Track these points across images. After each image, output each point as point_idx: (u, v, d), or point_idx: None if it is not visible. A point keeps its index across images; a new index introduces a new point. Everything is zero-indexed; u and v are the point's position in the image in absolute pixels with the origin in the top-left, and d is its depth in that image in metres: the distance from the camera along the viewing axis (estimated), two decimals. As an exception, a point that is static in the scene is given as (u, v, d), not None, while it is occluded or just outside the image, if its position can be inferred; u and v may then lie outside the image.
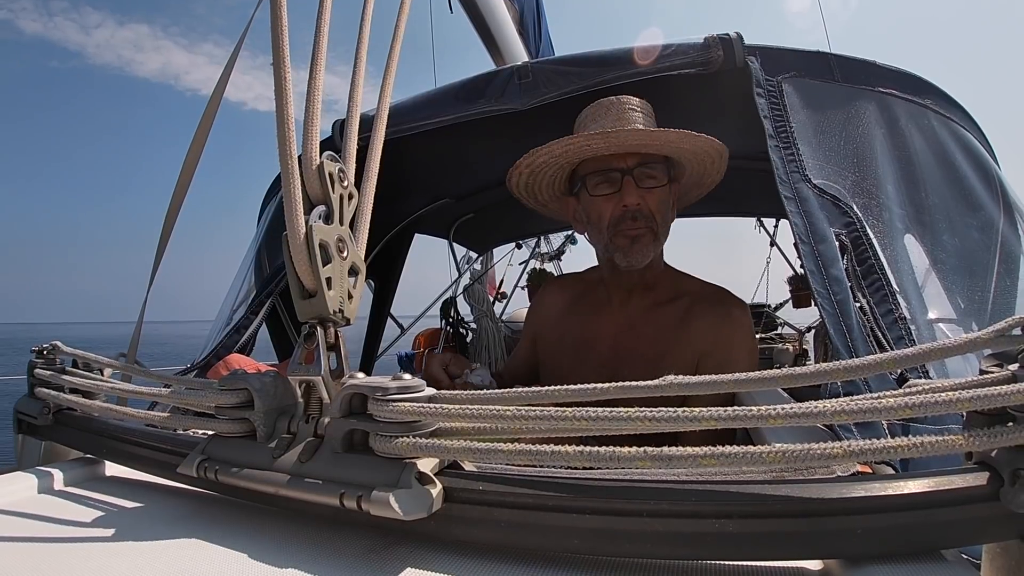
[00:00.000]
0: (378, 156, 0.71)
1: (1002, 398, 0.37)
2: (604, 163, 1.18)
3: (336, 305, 0.59)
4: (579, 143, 1.14)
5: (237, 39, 1.29)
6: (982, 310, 0.95)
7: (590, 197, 1.20)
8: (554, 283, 1.52)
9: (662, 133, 1.11)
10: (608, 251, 1.20)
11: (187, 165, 1.22)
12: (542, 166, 1.22)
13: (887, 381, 0.74)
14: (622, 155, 1.16)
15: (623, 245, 1.17)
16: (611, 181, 1.17)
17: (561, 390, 0.49)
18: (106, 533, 0.58)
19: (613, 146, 1.14)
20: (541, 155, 1.19)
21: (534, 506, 0.46)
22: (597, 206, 1.19)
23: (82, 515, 0.63)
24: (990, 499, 0.38)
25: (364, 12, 0.72)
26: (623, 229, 1.16)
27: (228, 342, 1.35)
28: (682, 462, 0.42)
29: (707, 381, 0.45)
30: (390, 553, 0.50)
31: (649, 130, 1.12)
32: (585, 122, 1.22)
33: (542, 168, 1.23)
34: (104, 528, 0.59)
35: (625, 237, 1.17)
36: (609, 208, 1.17)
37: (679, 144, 1.14)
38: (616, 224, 1.17)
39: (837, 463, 0.40)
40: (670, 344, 1.21)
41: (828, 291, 0.84)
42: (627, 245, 1.17)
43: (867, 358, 0.43)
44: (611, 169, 1.16)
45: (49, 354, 0.85)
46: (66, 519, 0.62)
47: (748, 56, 1.09)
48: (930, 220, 1.03)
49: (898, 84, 1.14)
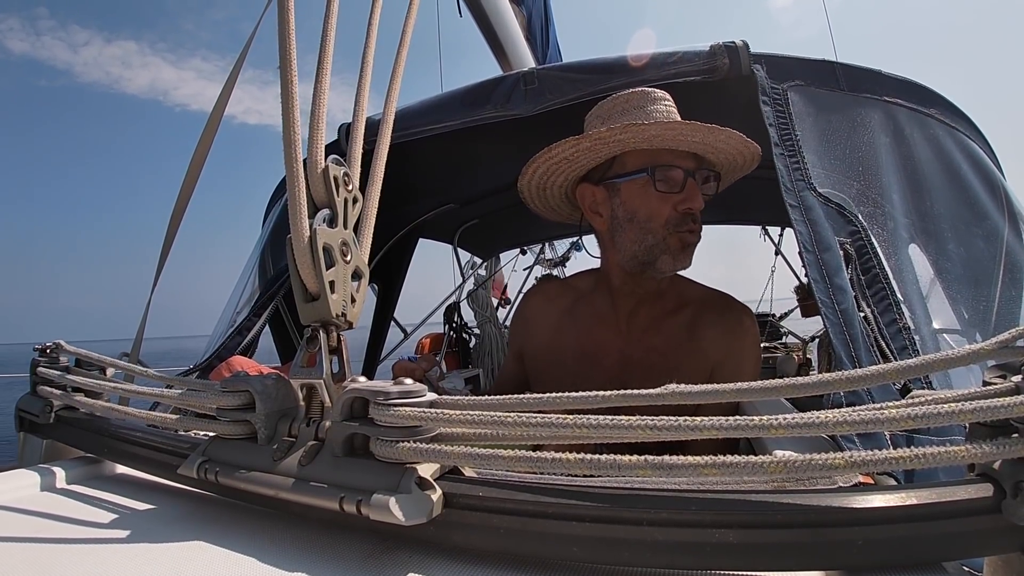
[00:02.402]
0: (383, 160, 0.71)
1: (1005, 410, 0.37)
2: (658, 157, 1.09)
3: (339, 309, 0.59)
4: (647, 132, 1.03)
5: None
6: (986, 321, 0.95)
7: (643, 192, 1.10)
8: (538, 292, 1.39)
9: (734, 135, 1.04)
10: (652, 253, 1.11)
11: (189, 176, 1.23)
12: (582, 153, 1.11)
13: (890, 391, 0.73)
14: (682, 153, 1.09)
15: (676, 248, 1.10)
16: (674, 180, 1.09)
17: (563, 397, 0.49)
18: (106, 532, 0.58)
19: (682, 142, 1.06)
20: (589, 139, 1.07)
21: (534, 513, 0.46)
22: (650, 203, 1.09)
23: (83, 513, 0.63)
24: (992, 511, 0.38)
25: (371, 16, 0.72)
26: (682, 231, 1.09)
27: (231, 344, 1.35)
28: (683, 471, 0.41)
29: (709, 390, 0.45)
30: (389, 558, 0.50)
31: (725, 130, 1.03)
32: (611, 114, 1.13)
33: (581, 154, 1.12)
34: (104, 527, 0.59)
35: (682, 241, 1.10)
36: (667, 208, 1.09)
37: (740, 150, 1.09)
38: (676, 225, 1.09)
39: (839, 474, 0.40)
40: (682, 356, 1.15)
41: (832, 300, 0.84)
42: (680, 249, 1.10)
43: (870, 368, 0.43)
44: (674, 166, 1.08)
45: (52, 352, 0.85)
46: (67, 517, 0.62)
47: (754, 64, 1.09)
48: (935, 230, 1.03)
49: (903, 93, 1.14)
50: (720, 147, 1.08)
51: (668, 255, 1.10)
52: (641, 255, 1.12)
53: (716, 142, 1.06)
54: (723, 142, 1.06)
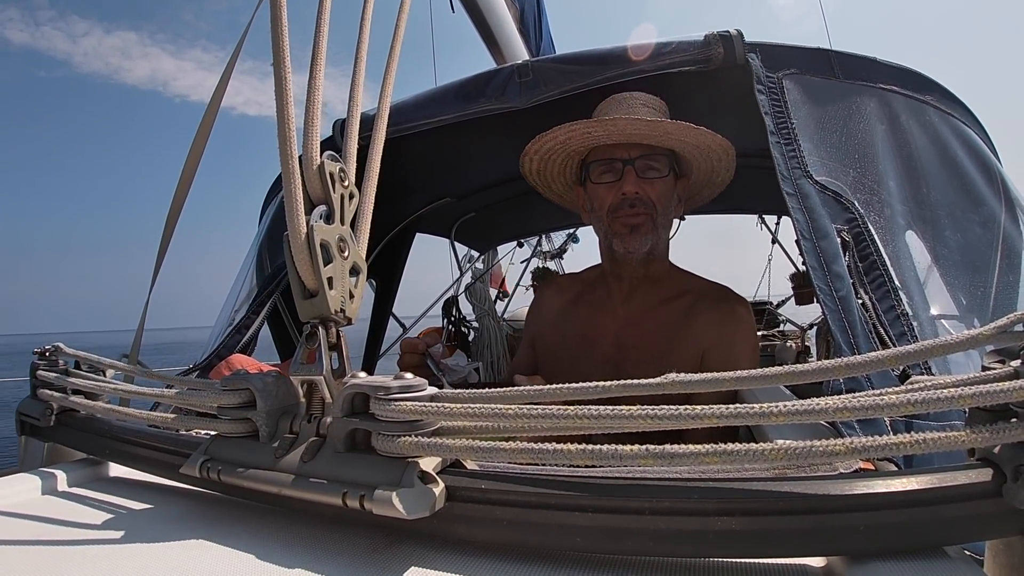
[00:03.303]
0: (379, 155, 0.71)
1: (1004, 394, 0.37)
2: (608, 152, 1.21)
3: (337, 305, 0.59)
4: (580, 129, 1.18)
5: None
6: (984, 306, 0.95)
7: (593, 185, 1.24)
8: (552, 284, 1.54)
9: (659, 123, 1.14)
10: (608, 238, 1.24)
11: (187, 168, 1.22)
12: (549, 152, 1.27)
13: (889, 378, 0.73)
14: (626, 146, 1.20)
15: (620, 231, 1.21)
16: (613, 170, 1.21)
17: (563, 388, 0.49)
18: (110, 534, 0.58)
19: (614, 135, 1.17)
20: (546, 141, 1.23)
21: (536, 504, 0.46)
22: (599, 193, 1.23)
23: (86, 516, 0.63)
24: (993, 495, 0.38)
25: (364, 11, 0.72)
26: (620, 216, 1.20)
27: (230, 342, 1.35)
28: (684, 460, 0.42)
29: (709, 379, 0.45)
30: (393, 552, 0.50)
31: (648, 120, 1.14)
32: (597, 115, 1.25)
33: (549, 155, 1.28)
34: (108, 529, 0.59)
35: (623, 224, 1.20)
36: (610, 196, 1.21)
37: (679, 136, 1.16)
38: (614, 211, 1.21)
39: (840, 460, 0.40)
40: (673, 340, 1.22)
41: (830, 287, 0.84)
42: (625, 232, 1.21)
43: (869, 355, 0.43)
44: (614, 159, 1.20)
45: (51, 355, 0.85)
46: (70, 520, 0.62)
47: (748, 53, 1.09)
48: (932, 216, 1.03)
49: (899, 80, 1.14)
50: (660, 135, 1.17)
51: (617, 238, 1.22)
52: (605, 242, 1.27)
53: (648, 131, 1.16)
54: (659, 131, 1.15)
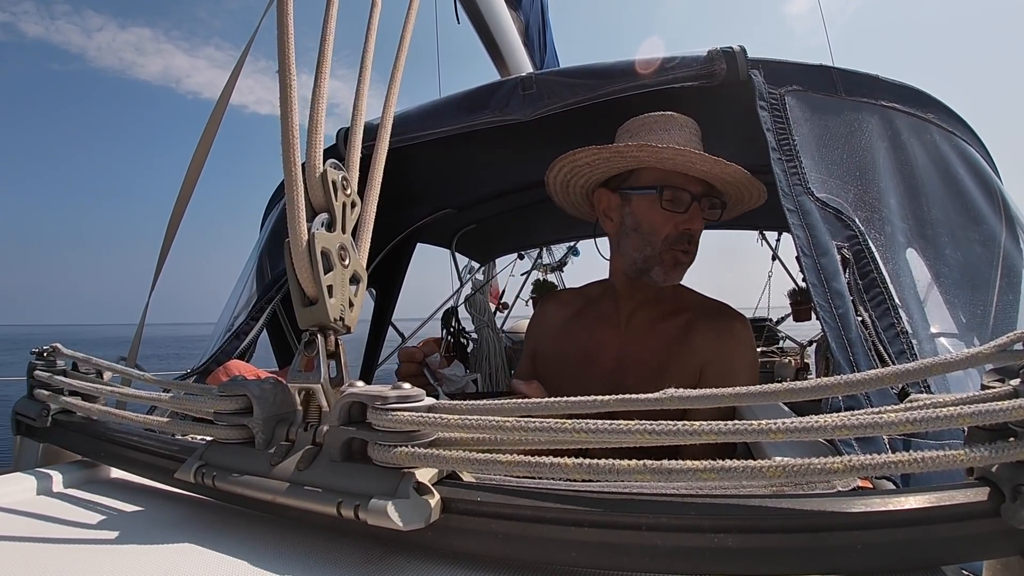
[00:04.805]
0: (381, 165, 0.72)
1: (1003, 413, 0.37)
2: (670, 178, 1.17)
3: (337, 313, 0.59)
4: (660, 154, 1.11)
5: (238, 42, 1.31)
6: (984, 324, 0.95)
7: (651, 206, 1.19)
8: (553, 298, 1.52)
9: (739, 171, 1.11)
10: (648, 263, 1.21)
11: (192, 168, 1.23)
12: (602, 161, 1.20)
13: (888, 396, 0.73)
14: (692, 179, 1.17)
15: (668, 263, 1.20)
16: (679, 200, 1.17)
17: (561, 402, 0.49)
18: (103, 536, 0.57)
19: (691, 168, 1.13)
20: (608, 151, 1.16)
21: (532, 518, 0.46)
22: (655, 218, 1.19)
23: (79, 517, 0.63)
24: (991, 515, 0.38)
25: (370, 21, 0.73)
26: (675, 250, 1.19)
27: (228, 348, 1.35)
28: (682, 476, 0.41)
29: (707, 395, 0.45)
30: (387, 563, 0.50)
31: (731, 165, 1.11)
32: (639, 131, 1.21)
33: (601, 163, 1.21)
34: (101, 531, 0.59)
35: (674, 258, 1.19)
36: (668, 226, 1.18)
37: (744, 187, 1.17)
38: (672, 242, 1.18)
39: (837, 478, 0.40)
40: (672, 356, 1.22)
41: (830, 304, 0.84)
42: (672, 265, 1.20)
43: (868, 373, 0.43)
44: (683, 189, 1.16)
45: (49, 356, 0.85)
46: (63, 521, 0.62)
47: (751, 69, 1.10)
48: (932, 234, 1.03)
49: (901, 98, 1.15)
50: (727, 179, 1.15)
51: (661, 268, 1.20)
52: (639, 262, 1.23)
53: (722, 174, 1.13)
54: (729, 175, 1.13)
